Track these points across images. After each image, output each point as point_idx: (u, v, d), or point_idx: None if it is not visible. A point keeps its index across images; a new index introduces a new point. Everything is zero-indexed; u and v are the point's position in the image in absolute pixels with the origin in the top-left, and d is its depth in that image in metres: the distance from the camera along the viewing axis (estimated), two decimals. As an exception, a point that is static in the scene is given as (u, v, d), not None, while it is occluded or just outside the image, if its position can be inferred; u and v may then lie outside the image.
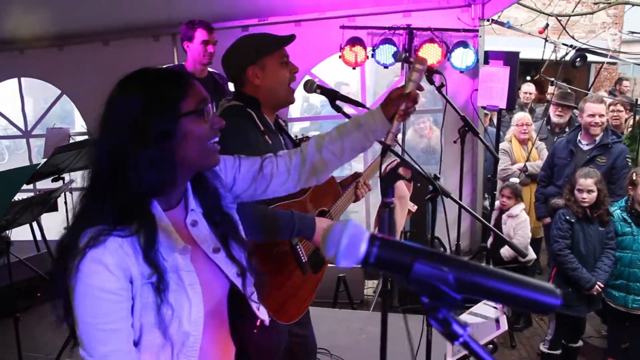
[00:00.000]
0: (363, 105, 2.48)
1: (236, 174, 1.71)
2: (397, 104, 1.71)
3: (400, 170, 2.08)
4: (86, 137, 5.78)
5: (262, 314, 1.76)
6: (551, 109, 5.92)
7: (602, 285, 4.01)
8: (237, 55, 2.33)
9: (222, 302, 1.64)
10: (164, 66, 4.80)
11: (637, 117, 5.97)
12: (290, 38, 2.34)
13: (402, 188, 4.87)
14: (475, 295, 0.89)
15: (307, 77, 5.18)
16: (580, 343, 4.34)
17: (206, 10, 4.61)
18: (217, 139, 1.51)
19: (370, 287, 5.69)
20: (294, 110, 6.14)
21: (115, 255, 1.33)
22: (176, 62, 4.99)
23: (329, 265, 5.20)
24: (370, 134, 1.76)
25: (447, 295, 0.85)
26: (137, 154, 1.38)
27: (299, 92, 3.15)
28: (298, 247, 2.40)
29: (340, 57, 4.95)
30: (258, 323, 2.04)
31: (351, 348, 3.88)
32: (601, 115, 4.57)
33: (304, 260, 2.42)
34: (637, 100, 6.06)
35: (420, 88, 1.74)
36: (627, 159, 4.71)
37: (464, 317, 2.58)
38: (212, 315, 1.57)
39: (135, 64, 1.53)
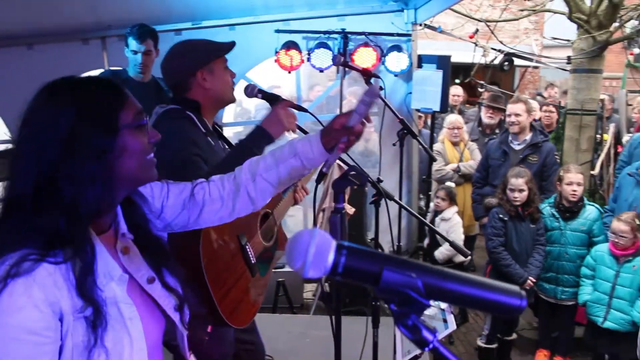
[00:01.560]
0: (306, 110, 2.49)
1: (164, 201, 1.56)
2: (338, 136, 1.59)
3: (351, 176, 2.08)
4: (10, 145, 5.50)
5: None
6: (482, 111, 6.12)
7: (534, 280, 4.17)
8: (186, 59, 2.35)
9: (160, 339, 1.46)
10: (110, 68, 4.65)
11: (561, 119, 6.24)
12: (233, 44, 2.42)
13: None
14: (444, 300, 0.90)
15: (242, 82, 5.17)
16: (514, 336, 4.50)
17: (138, 14, 4.47)
18: (152, 154, 1.40)
19: (310, 290, 5.69)
20: (227, 115, 6.06)
21: (43, 288, 1.15)
22: (106, 67, 4.82)
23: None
24: (307, 163, 1.63)
25: (416, 301, 0.85)
26: (72, 169, 1.23)
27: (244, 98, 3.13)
28: (247, 247, 2.37)
29: (275, 61, 4.93)
30: (209, 329, 2.00)
31: (294, 353, 3.86)
32: (517, 115, 4.75)
33: (253, 262, 2.39)
34: (560, 102, 6.35)
35: (368, 120, 1.64)
36: (556, 156, 4.92)
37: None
38: (151, 354, 1.39)
39: (62, 68, 1.46)
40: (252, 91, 2.40)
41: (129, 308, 1.30)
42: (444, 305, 2.49)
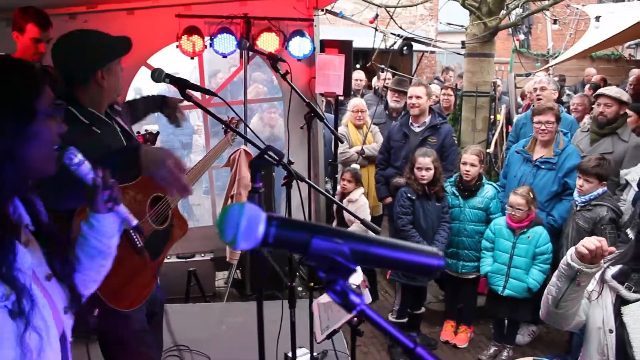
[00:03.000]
0: (214, 94, 2.49)
1: None
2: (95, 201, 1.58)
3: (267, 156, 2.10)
4: None
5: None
6: (388, 95, 6.28)
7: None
8: (87, 57, 2.32)
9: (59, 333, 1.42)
10: None
11: (457, 101, 6.54)
12: (130, 42, 2.47)
13: (247, 177, 4.91)
14: (369, 265, 0.94)
15: (143, 69, 5.00)
16: (423, 309, 4.70)
17: (29, -5, 4.20)
18: (57, 146, 1.39)
19: (221, 278, 5.66)
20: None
21: None
22: (-6, 53, 4.50)
23: (178, 260, 5.12)
24: (104, 239, 1.61)
25: (343, 267, 0.89)
26: None
27: (148, 85, 3.06)
28: (132, 232, 2.32)
29: (177, 46, 4.81)
30: (95, 313, 1.98)
31: (212, 341, 3.84)
32: (418, 97, 4.93)
33: (139, 245, 2.36)
34: (456, 85, 6.64)
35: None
36: (454, 137, 5.15)
37: (326, 296, 2.67)
38: (62, 344, 1.40)
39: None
40: (159, 76, 2.36)
41: (40, 296, 1.30)
42: (358, 281, 2.57)
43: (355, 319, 2.31)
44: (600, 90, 5.02)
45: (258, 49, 3.61)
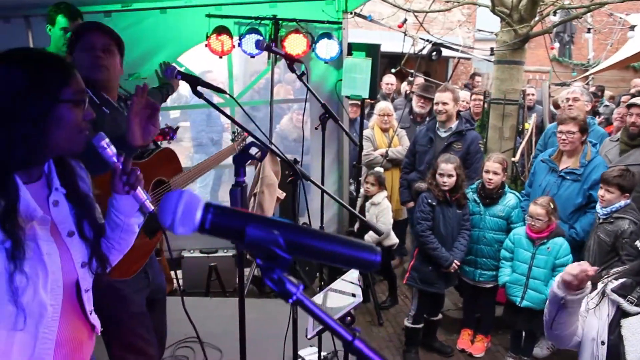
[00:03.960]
0: (225, 92, 2.56)
1: None
2: (117, 183, 1.74)
3: (253, 151, 2.15)
4: None
5: (95, 320, 1.78)
6: (414, 100, 6.27)
7: (459, 263, 4.33)
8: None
9: (74, 285, 1.64)
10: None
11: (486, 107, 6.47)
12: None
13: (271, 176, 4.97)
14: (305, 256, 0.96)
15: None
16: (440, 316, 4.66)
17: (66, -7, 4.35)
18: (87, 131, 1.58)
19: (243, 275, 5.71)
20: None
21: None
22: (31, 46, 4.67)
23: (200, 254, 5.21)
24: (123, 217, 1.78)
25: (279, 257, 0.91)
26: (9, 128, 1.41)
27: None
28: None
29: (206, 45, 4.91)
30: None
31: (224, 335, 3.88)
32: (444, 103, 4.91)
33: None
34: (486, 92, 6.57)
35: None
36: (480, 145, 5.11)
37: (321, 294, 2.71)
38: (68, 293, 1.59)
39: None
40: (172, 73, 2.42)
41: (48, 245, 1.50)
42: (354, 280, 2.59)
43: (348, 317, 2.32)
44: (632, 100, 4.91)
45: (276, 50, 3.64)
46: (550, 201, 4.14)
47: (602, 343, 2.12)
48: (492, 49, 5.89)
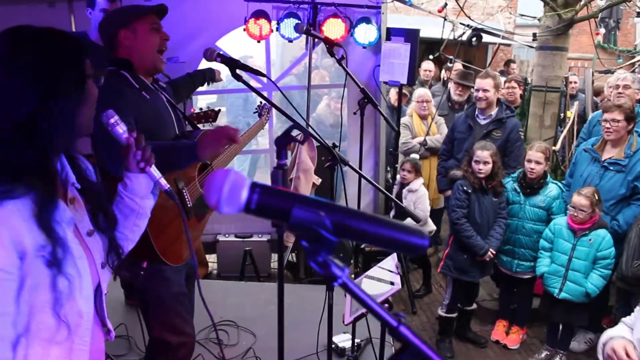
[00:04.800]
0: (264, 75, 2.54)
1: None
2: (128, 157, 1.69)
3: (295, 134, 2.13)
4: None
5: (110, 325, 1.66)
6: (452, 88, 6.17)
7: (494, 252, 4.27)
8: (111, 19, 2.49)
9: (95, 285, 1.53)
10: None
11: (526, 95, 6.33)
12: (160, 7, 2.46)
13: (307, 162, 4.95)
14: (351, 238, 0.94)
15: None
16: (474, 306, 4.61)
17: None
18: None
19: (277, 260, 5.74)
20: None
21: (8, 226, 1.23)
22: (74, 30, 4.74)
23: (236, 239, 5.25)
24: (134, 196, 1.71)
25: (325, 239, 0.89)
26: (52, 108, 1.32)
27: (218, 67, 3.17)
28: (184, 191, 2.47)
29: (244, 29, 4.90)
30: (144, 265, 2.09)
31: (258, 319, 3.92)
32: (485, 90, 4.81)
33: (189, 205, 2.49)
34: (526, 78, 6.43)
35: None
36: (520, 133, 5.00)
37: (357, 281, 2.69)
38: (95, 294, 1.51)
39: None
40: (211, 55, 2.41)
41: (77, 248, 1.40)
42: (391, 267, 2.56)
43: (386, 305, 2.30)
44: None
45: (315, 33, 3.60)
46: (595, 192, 4.03)
47: None
48: (534, 35, 5.75)
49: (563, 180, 4.71)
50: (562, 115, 5.79)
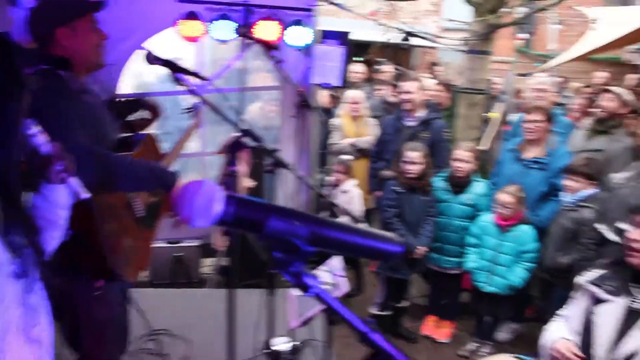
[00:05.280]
0: (204, 78, 2.50)
1: None
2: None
3: (243, 141, 2.13)
4: None
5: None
6: (387, 90, 6.28)
7: (425, 250, 4.39)
8: (45, 14, 2.27)
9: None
10: None
11: (454, 96, 6.53)
12: (100, 4, 2.33)
13: (240, 165, 4.92)
14: (327, 248, 0.94)
15: (140, 52, 4.99)
16: (406, 303, 4.72)
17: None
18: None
19: (209, 265, 5.66)
20: (124, 87, 5.84)
21: None
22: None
23: (167, 245, 5.14)
24: None
25: (299, 249, 0.89)
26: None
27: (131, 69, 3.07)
28: (133, 201, 2.39)
29: (176, 31, 4.81)
30: (99, 284, 2.00)
31: (193, 327, 3.87)
32: (410, 92, 4.93)
33: (139, 215, 2.42)
34: (449, 81, 6.64)
35: None
36: (446, 133, 5.16)
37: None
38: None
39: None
40: (152, 59, 2.36)
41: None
42: (333, 269, 2.60)
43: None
44: (608, 87, 5.07)
45: (253, 37, 3.60)
46: (519, 189, 4.22)
47: (578, 334, 2.20)
48: (462, 39, 5.96)
49: (490, 179, 4.89)
50: (487, 116, 6.02)
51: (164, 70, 2.45)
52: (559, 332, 2.35)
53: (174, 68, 2.32)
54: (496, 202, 4.26)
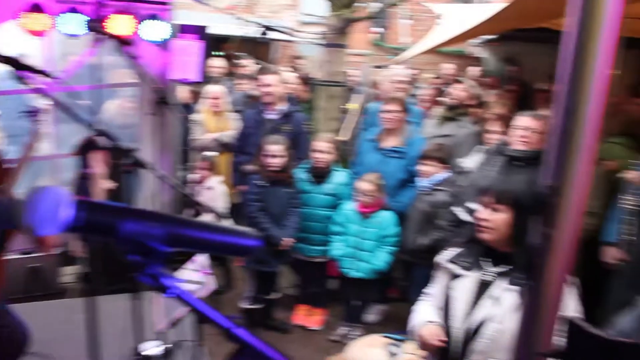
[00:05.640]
0: (48, 75, 2.37)
1: None
2: None
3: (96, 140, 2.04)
4: None
5: None
6: (249, 84, 6.26)
7: (291, 241, 4.46)
8: None
9: None
10: None
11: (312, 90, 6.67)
12: None
13: (99, 167, 4.71)
14: (186, 247, 0.93)
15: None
16: (277, 295, 4.78)
17: None
18: None
19: (70, 273, 5.36)
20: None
21: None
22: None
23: (20, 256, 4.80)
24: None
25: (156, 251, 0.88)
26: None
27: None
28: None
29: (19, 24, 4.46)
30: None
31: (57, 340, 3.65)
32: (270, 85, 4.96)
33: None
34: (308, 74, 6.79)
35: None
36: (307, 125, 5.27)
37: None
38: None
39: None
40: (-6, 56, 2.19)
41: None
42: (198, 267, 2.58)
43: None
44: (458, 79, 5.44)
45: (105, 32, 3.43)
46: (379, 177, 4.42)
47: (441, 309, 2.36)
48: (322, 33, 6.10)
49: (351, 169, 5.07)
50: (345, 107, 6.22)
51: (6, 68, 2.28)
52: (425, 314, 2.48)
53: (17, 65, 2.17)
54: (357, 191, 4.42)
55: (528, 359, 1.41)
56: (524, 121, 3.69)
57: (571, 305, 2.11)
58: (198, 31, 4.96)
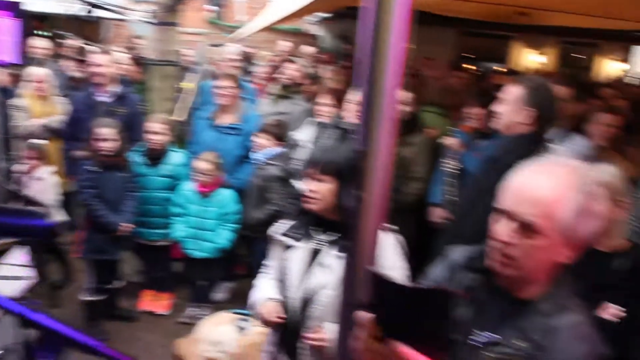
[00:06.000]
0: None
1: None
2: None
3: None
4: None
5: None
6: (71, 65, 5.92)
7: (129, 226, 4.31)
8: None
9: None
10: None
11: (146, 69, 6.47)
12: None
13: None
14: None
15: None
16: (120, 283, 4.62)
17: None
18: None
19: None
20: None
21: None
22: None
23: None
24: None
25: None
26: None
27: None
28: None
29: None
30: None
31: None
32: (101, 66, 4.80)
33: None
34: (140, 54, 6.58)
35: None
36: (142, 106, 5.12)
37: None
38: None
39: None
40: None
41: None
42: (14, 262, 2.42)
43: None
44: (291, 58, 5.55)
45: None
46: (216, 156, 4.41)
47: (280, 281, 2.43)
48: (153, 11, 5.91)
49: (189, 148, 5.00)
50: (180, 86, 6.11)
51: None
52: (264, 289, 2.52)
53: None
54: (195, 170, 4.39)
55: (346, 313, 1.49)
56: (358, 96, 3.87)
57: (391, 261, 2.27)
58: (15, 8, 4.56)
